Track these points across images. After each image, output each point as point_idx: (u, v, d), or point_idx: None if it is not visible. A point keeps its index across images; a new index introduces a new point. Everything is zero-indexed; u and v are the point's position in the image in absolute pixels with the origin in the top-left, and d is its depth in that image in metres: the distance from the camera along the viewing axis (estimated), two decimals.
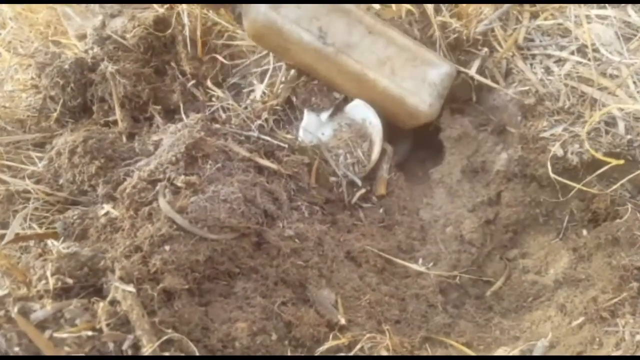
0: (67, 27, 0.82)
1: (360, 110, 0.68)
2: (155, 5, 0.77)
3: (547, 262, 0.64)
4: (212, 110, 0.73)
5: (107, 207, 0.54)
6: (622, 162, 0.57)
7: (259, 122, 0.70)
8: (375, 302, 0.56)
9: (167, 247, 0.47)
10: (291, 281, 0.54)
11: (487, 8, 0.66)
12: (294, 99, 0.70)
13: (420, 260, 0.64)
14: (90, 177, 0.59)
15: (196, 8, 0.73)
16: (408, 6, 0.68)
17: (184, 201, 0.51)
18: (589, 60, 0.64)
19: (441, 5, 0.67)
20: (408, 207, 0.70)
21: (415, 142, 0.78)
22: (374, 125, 0.66)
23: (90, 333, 0.43)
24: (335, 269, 0.59)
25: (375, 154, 0.67)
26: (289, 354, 0.50)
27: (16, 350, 0.41)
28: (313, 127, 0.68)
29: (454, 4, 0.67)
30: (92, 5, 0.85)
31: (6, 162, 0.67)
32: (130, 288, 0.44)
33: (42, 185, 0.61)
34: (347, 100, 0.70)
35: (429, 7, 0.66)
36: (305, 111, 0.69)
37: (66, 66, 0.72)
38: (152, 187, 0.52)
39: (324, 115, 0.70)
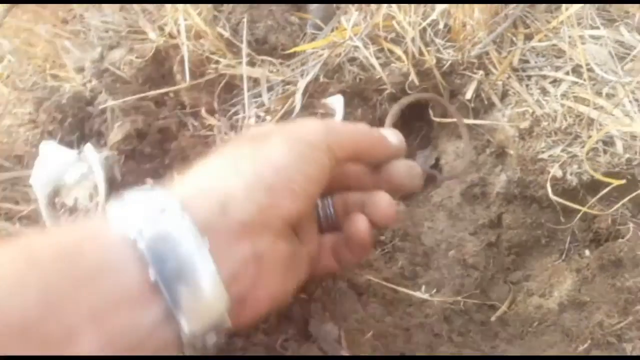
0: (65, 60, 0.83)
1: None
2: (152, 37, 0.78)
3: (551, 284, 0.64)
4: (207, 139, 0.73)
5: None
6: (623, 182, 0.57)
7: None
8: (380, 335, 0.56)
9: None
10: (294, 316, 0.53)
11: (480, 32, 0.67)
12: None
13: (424, 287, 0.64)
14: None
15: (192, 40, 0.73)
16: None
17: None
18: (584, 80, 0.65)
19: (433, 34, 0.68)
20: (410, 232, 0.70)
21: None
22: None
23: None
24: (338, 300, 0.58)
25: None
26: None
27: None
28: None
29: (446, 32, 0.68)
30: (90, 37, 0.86)
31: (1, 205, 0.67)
32: None
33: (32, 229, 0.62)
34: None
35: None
36: None
37: (64, 101, 0.72)
38: None
39: None
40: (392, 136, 0.45)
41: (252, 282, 0.34)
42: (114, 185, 0.62)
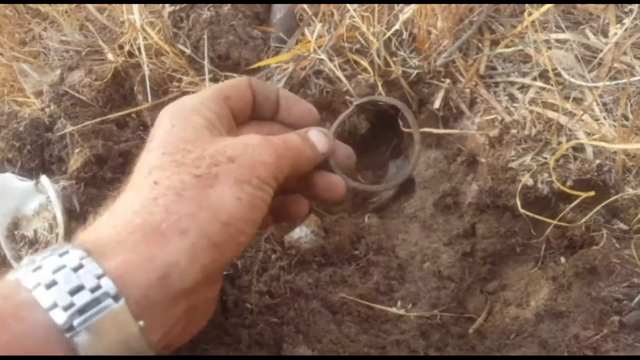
0: (23, 84, 0.80)
1: None
2: (111, 57, 0.76)
3: (528, 293, 0.63)
4: None
5: None
6: (592, 193, 0.56)
7: None
8: (355, 355, 0.54)
9: None
10: (266, 342, 0.52)
11: (446, 40, 0.66)
12: None
13: (399, 302, 0.63)
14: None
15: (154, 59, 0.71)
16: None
17: None
18: (552, 85, 0.64)
19: (398, 43, 0.67)
20: (384, 245, 0.68)
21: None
22: None
23: None
24: (312, 321, 0.57)
25: None
26: None
27: None
28: None
29: (411, 41, 0.66)
30: (50, 58, 0.83)
31: None
32: None
33: None
34: None
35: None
36: None
37: (21, 128, 0.70)
38: None
39: None
40: (319, 139, 0.45)
41: (182, 330, 0.34)
42: (73, 215, 0.60)
